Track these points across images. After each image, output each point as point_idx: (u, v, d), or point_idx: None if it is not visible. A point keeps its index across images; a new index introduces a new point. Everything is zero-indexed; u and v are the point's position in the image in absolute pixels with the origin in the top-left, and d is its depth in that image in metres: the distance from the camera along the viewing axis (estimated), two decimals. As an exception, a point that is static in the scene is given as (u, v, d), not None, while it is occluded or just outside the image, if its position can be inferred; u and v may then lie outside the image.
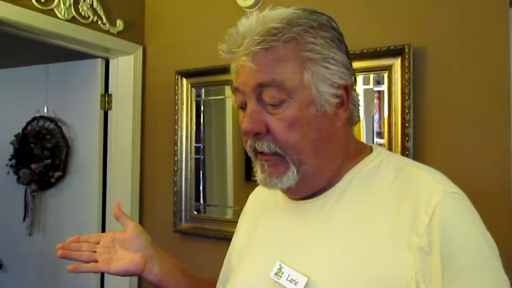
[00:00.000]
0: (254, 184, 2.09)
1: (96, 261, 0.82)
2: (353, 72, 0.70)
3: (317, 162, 0.67)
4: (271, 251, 0.71)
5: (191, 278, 0.89)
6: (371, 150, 0.73)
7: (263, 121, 0.65)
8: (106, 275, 2.14)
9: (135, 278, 2.06)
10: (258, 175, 0.69)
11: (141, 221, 2.10)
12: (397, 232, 0.60)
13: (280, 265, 0.66)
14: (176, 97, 1.96)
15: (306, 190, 0.70)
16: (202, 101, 1.95)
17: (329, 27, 0.67)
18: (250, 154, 0.70)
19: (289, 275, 0.64)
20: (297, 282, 0.63)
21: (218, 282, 0.93)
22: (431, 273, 0.57)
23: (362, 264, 0.60)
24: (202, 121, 1.94)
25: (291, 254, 0.68)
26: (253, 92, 0.65)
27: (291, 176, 0.66)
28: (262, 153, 0.67)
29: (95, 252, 0.83)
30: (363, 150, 0.73)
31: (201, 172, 1.94)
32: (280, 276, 0.65)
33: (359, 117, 0.74)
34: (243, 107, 0.69)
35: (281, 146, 0.65)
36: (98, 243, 0.84)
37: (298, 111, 0.64)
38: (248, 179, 1.93)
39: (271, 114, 0.65)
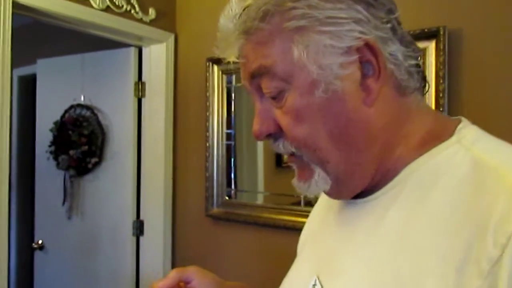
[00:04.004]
0: (284, 171, 2.11)
1: None
2: (386, 21, 0.52)
3: (346, 157, 0.52)
4: (314, 260, 0.62)
5: None
6: (453, 133, 0.52)
7: (272, 119, 0.54)
8: (141, 258, 2.21)
9: (169, 259, 2.13)
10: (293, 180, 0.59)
11: (174, 206, 2.16)
12: (450, 261, 0.43)
13: (315, 281, 0.56)
14: (208, 84, 1.98)
15: (349, 192, 0.56)
16: (233, 88, 1.97)
17: None
18: None
19: None
20: None
21: None
22: None
23: None
24: (233, 107, 1.96)
25: (328, 269, 0.57)
26: (252, 89, 0.55)
27: (319, 180, 0.54)
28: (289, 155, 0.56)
29: None
30: (438, 135, 0.52)
31: (232, 158, 1.97)
32: None
33: (421, 79, 0.55)
34: None
35: (293, 144, 0.53)
36: None
37: (300, 98, 0.51)
38: (278, 166, 1.94)
39: (277, 108, 0.53)
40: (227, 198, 1.97)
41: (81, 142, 2.31)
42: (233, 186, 1.96)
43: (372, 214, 0.53)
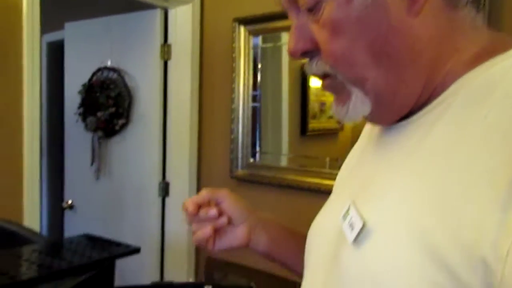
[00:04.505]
0: (309, 139, 2.08)
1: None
2: None
3: (386, 73, 0.48)
4: (348, 191, 0.58)
5: (300, 239, 0.73)
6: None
7: (309, 36, 0.50)
8: (166, 219, 2.26)
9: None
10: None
11: (199, 168, 2.18)
12: (503, 174, 0.38)
13: (349, 206, 0.52)
14: (234, 45, 1.96)
15: (393, 113, 0.52)
16: (259, 49, 1.94)
17: None
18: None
19: (351, 218, 0.51)
20: (353, 228, 0.49)
21: None
22: None
23: (438, 219, 0.41)
24: (259, 68, 1.94)
25: (362, 194, 0.53)
26: (288, 4, 0.52)
27: (357, 102, 0.50)
28: (323, 79, 0.53)
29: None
30: (494, 50, 0.46)
31: (257, 120, 1.96)
32: (345, 219, 0.52)
33: None
34: None
35: (329, 61, 0.49)
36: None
37: (338, 9, 0.47)
38: (303, 134, 1.93)
39: (314, 22, 0.50)
40: (251, 160, 1.97)
41: (109, 104, 2.34)
42: (258, 148, 1.96)
43: (414, 134, 0.49)
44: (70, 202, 2.62)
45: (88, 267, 0.65)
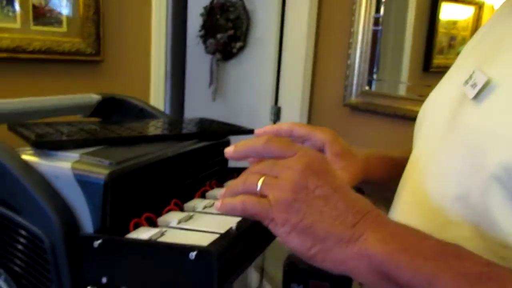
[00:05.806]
0: (432, 77, 1.93)
1: None
2: None
3: None
4: (473, 59, 0.57)
5: (399, 168, 0.67)
6: None
7: None
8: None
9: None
10: None
11: (311, 94, 2.17)
12: None
13: (473, 71, 0.51)
14: (358, -38, 1.84)
15: None
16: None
17: None
18: None
19: (474, 79, 0.50)
20: (476, 85, 0.49)
21: None
22: None
23: None
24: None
25: (489, 57, 0.52)
26: None
27: None
28: None
29: None
30: None
31: (377, 45, 1.85)
32: (467, 83, 0.51)
33: None
34: None
35: None
36: None
37: None
38: (426, 70, 1.80)
39: None
40: (367, 88, 1.90)
41: (228, 26, 2.39)
42: (374, 76, 1.88)
43: None
44: (189, 120, 2.83)
45: (206, 135, 0.73)
